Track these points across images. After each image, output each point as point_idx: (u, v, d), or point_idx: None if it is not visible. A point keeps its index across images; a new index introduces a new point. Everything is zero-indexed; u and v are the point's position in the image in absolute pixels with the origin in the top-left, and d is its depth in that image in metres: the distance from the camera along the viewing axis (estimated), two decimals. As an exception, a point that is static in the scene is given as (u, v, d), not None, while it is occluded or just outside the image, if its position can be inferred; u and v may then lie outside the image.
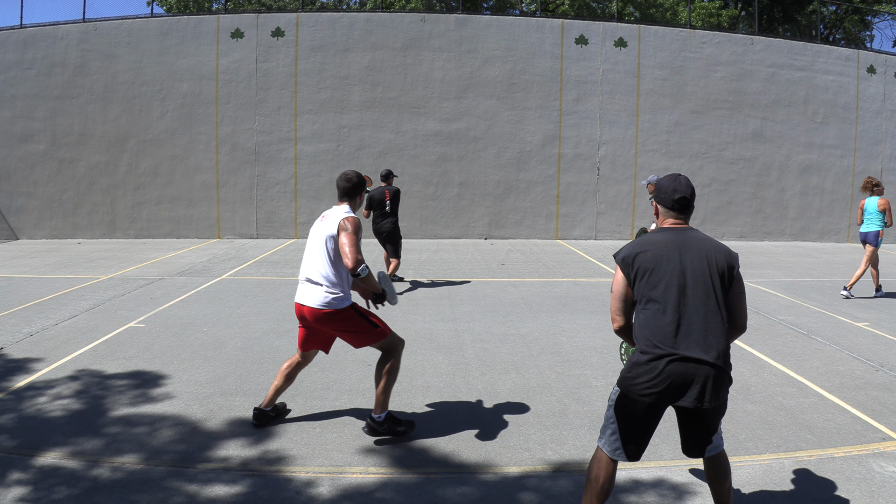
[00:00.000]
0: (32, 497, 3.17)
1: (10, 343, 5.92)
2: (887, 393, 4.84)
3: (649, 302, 2.66)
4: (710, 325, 2.60)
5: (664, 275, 2.65)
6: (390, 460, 3.64)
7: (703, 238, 2.77)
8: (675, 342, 2.58)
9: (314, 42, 15.59)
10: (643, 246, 2.73)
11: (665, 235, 2.76)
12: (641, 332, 2.66)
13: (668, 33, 16.47)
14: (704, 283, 2.64)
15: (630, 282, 2.73)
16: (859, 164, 17.09)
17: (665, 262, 2.67)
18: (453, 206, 15.86)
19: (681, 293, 2.63)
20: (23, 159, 15.36)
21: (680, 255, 2.68)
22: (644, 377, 2.59)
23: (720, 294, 2.65)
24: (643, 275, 2.69)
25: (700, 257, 2.68)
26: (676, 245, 2.71)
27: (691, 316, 2.60)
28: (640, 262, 2.70)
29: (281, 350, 5.80)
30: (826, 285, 9.76)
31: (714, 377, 2.56)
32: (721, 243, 2.77)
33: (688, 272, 2.65)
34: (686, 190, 2.79)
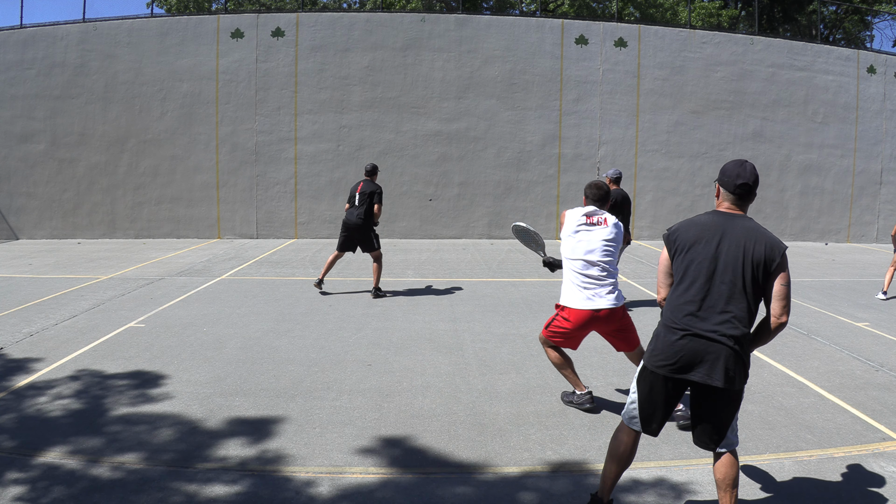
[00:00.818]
0: (32, 497, 3.16)
1: (10, 343, 5.92)
2: (887, 393, 4.84)
3: (679, 278, 2.78)
4: (732, 309, 2.65)
5: (697, 255, 2.73)
6: (390, 460, 3.64)
7: (751, 227, 2.74)
8: (692, 320, 2.68)
9: (314, 42, 15.59)
10: (690, 225, 2.82)
11: (713, 218, 2.79)
12: (668, 307, 2.81)
13: (668, 33, 16.47)
14: (734, 270, 2.67)
15: (670, 256, 2.85)
16: (859, 164, 17.09)
17: (702, 244, 2.73)
18: (453, 206, 15.86)
19: (709, 276, 2.69)
20: (23, 159, 15.36)
21: (719, 240, 2.71)
22: (660, 350, 2.73)
23: (749, 283, 2.66)
24: (680, 252, 2.79)
25: (738, 245, 2.69)
26: (720, 229, 2.73)
27: (714, 298, 2.67)
28: (680, 240, 2.80)
29: (281, 350, 5.80)
30: (826, 285, 9.75)
31: (725, 357, 2.61)
32: (771, 236, 2.75)
33: (721, 257, 2.69)
34: (750, 177, 2.76)
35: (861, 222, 17.24)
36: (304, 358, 5.56)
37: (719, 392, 2.67)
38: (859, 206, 17.19)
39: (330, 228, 15.65)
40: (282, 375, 5.08)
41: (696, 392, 2.76)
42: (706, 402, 2.73)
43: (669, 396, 2.77)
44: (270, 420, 4.18)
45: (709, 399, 2.72)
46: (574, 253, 4.19)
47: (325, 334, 6.38)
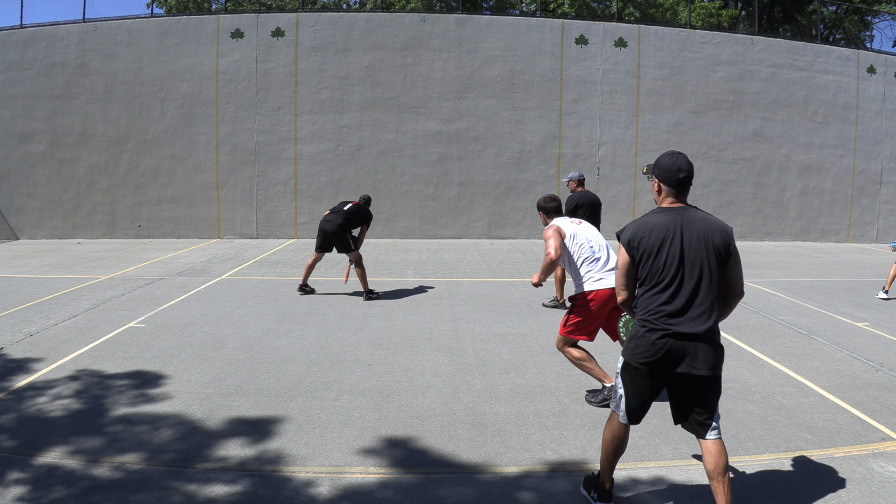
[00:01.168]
0: (32, 497, 3.16)
1: (10, 343, 5.92)
2: (887, 393, 4.84)
3: (651, 282, 2.89)
4: (704, 302, 2.82)
5: (665, 257, 2.85)
6: (390, 460, 3.64)
7: (701, 218, 2.90)
8: (671, 319, 2.82)
9: (314, 42, 15.59)
10: (646, 229, 2.90)
11: (666, 217, 2.90)
12: (642, 308, 2.92)
13: (668, 33, 16.47)
14: (701, 263, 2.83)
15: (634, 262, 2.94)
16: (859, 164, 17.09)
17: (667, 246, 2.85)
18: (453, 206, 15.85)
19: (680, 274, 2.84)
20: (23, 159, 15.36)
21: (681, 238, 2.85)
22: (642, 348, 2.90)
23: (716, 272, 2.84)
24: (647, 257, 2.89)
25: (699, 240, 2.84)
26: (677, 227, 2.86)
27: (688, 295, 2.83)
28: (644, 245, 2.89)
29: (281, 350, 5.80)
30: (826, 285, 9.75)
31: (704, 349, 2.81)
32: (718, 220, 2.92)
33: (686, 255, 2.84)
34: (689, 168, 2.92)
35: (861, 222, 17.24)
36: (304, 358, 5.56)
37: (704, 379, 2.84)
38: (859, 206, 17.19)
39: (330, 228, 15.65)
40: (282, 375, 5.08)
41: (681, 382, 2.89)
42: (691, 390, 2.87)
43: (654, 389, 2.95)
44: (270, 420, 4.18)
45: (695, 387, 2.86)
46: (582, 250, 4.57)
47: (325, 334, 6.38)
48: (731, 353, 5.90)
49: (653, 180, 3.02)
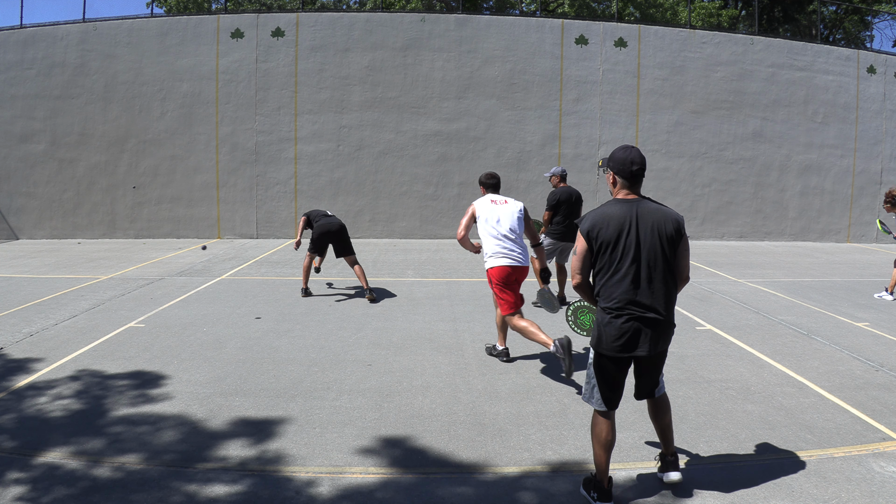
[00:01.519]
0: (32, 497, 3.17)
1: (10, 343, 5.92)
2: (887, 393, 4.84)
3: (610, 270, 3.11)
4: (659, 287, 3.09)
5: (622, 247, 3.09)
6: (390, 460, 3.64)
7: (654, 209, 3.15)
8: (631, 304, 3.07)
9: (314, 42, 15.59)
10: (604, 220, 3.12)
11: (622, 209, 3.13)
12: (605, 296, 3.13)
13: (668, 33, 16.47)
14: (655, 252, 3.08)
15: (592, 251, 3.16)
16: (859, 164, 17.09)
17: (624, 236, 3.09)
18: (453, 206, 15.85)
19: (637, 263, 3.08)
20: (23, 159, 15.37)
21: (637, 229, 3.09)
22: (609, 334, 3.10)
23: (670, 258, 3.11)
24: (606, 248, 3.11)
25: (652, 229, 3.10)
26: (633, 218, 3.10)
27: (644, 282, 3.08)
28: (602, 237, 3.11)
29: (281, 350, 5.80)
30: (826, 285, 9.75)
31: (660, 329, 3.10)
32: (670, 210, 3.18)
33: (642, 244, 3.08)
34: (641, 161, 3.15)
35: (861, 222, 17.23)
36: (304, 358, 5.57)
37: (661, 354, 3.20)
38: (859, 206, 17.19)
39: (330, 228, 15.65)
40: (282, 375, 5.08)
41: (643, 360, 3.19)
42: (647, 366, 3.21)
43: (622, 373, 3.19)
44: (270, 420, 4.19)
45: (650, 363, 3.20)
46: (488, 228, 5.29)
47: (325, 334, 6.38)
48: (731, 353, 5.91)
49: (608, 173, 3.23)
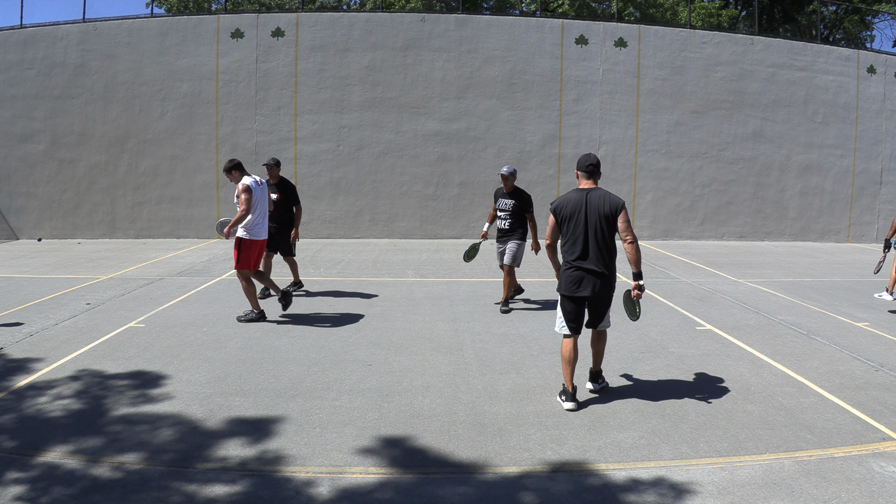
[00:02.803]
0: (32, 496, 3.17)
1: (10, 343, 5.92)
2: (887, 393, 4.84)
3: (568, 238, 4.54)
4: (601, 250, 4.46)
5: (575, 222, 4.49)
6: (390, 460, 3.64)
7: (600, 195, 4.49)
8: (579, 261, 4.48)
9: (314, 42, 15.59)
10: (567, 202, 4.55)
11: (578, 195, 4.54)
12: (565, 256, 4.58)
13: (668, 33, 16.47)
14: (597, 225, 4.44)
15: (558, 223, 4.60)
16: (859, 164, 17.09)
17: (576, 214, 4.48)
18: (453, 206, 15.85)
19: (585, 233, 4.46)
20: (23, 159, 15.36)
21: (585, 209, 4.47)
22: (566, 280, 4.54)
23: (608, 231, 4.45)
24: (564, 221, 4.54)
25: (595, 209, 4.45)
26: (583, 202, 4.49)
27: (590, 246, 4.46)
28: (563, 212, 4.55)
29: (281, 350, 5.80)
30: (826, 285, 9.75)
31: (599, 279, 4.47)
32: (613, 196, 4.49)
33: (589, 220, 4.45)
34: (594, 159, 4.59)
35: (861, 222, 17.23)
36: (304, 358, 5.57)
37: (597, 298, 4.54)
38: (859, 206, 17.19)
39: (330, 228, 15.65)
40: (282, 375, 5.08)
41: (592, 301, 4.58)
42: (594, 304, 4.61)
43: (579, 307, 4.57)
44: (270, 420, 4.19)
45: (595, 302, 4.58)
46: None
47: (325, 334, 6.38)
48: (730, 353, 5.91)
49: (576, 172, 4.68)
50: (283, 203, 8.13)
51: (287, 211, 8.21)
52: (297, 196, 8.29)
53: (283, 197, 8.12)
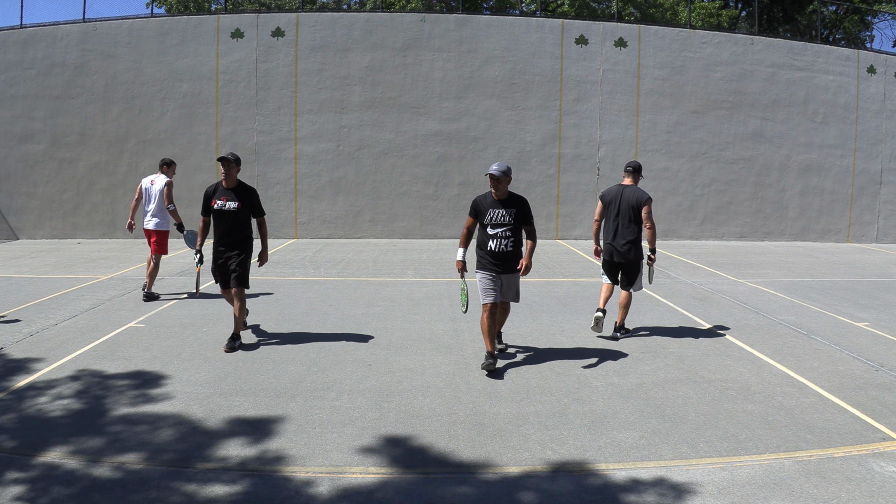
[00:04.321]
0: (31, 496, 3.16)
1: (10, 343, 5.92)
2: (887, 393, 4.84)
3: (608, 220, 6.36)
4: (627, 230, 6.21)
5: (612, 207, 6.32)
6: (390, 460, 3.64)
7: (633, 190, 6.30)
8: (612, 237, 6.28)
9: (314, 42, 15.59)
10: (608, 192, 6.42)
11: (618, 188, 6.38)
12: (603, 233, 6.39)
13: (668, 33, 16.47)
14: (627, 211, 6.21)
15: (604, 207, 6.40)
16: (859, 164, 17.09)
17: (615, 202, 6.31)
18: (453, 206, 15.85)
19: (617, 217, 6.27)
20: (23, 159, 15.36)
21: (619, 198, 6.30)
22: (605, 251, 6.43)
23: (633, 217, 6.19)
24: (607, 207, 6.40)
25: (626, 201, 6.25)
26: (620, 194, 6.32)
27: (619, 227, 6.24)
28: (606, 199, 6.41)
29: (281, 350, 5.80)
30: (826, 285, 9.75)
31: (627, 250, 6.21)
32: (641, 192, 6.25)
33: (621, 208, 6.26)
34: (635, 164, 6.46)
35: (861, 222, 17.24)
36: (304, 358, 5.57)
37: (624, 265, 6.30)
38: (859, 206, 17.19)
39: (330, 228, 15.65)
40: (282, 375, 5.08)
41: (621, 267, 6.33)
42: (624, 269, 6.33)
43: (612, 269, 6.42)
44: (270, 420, 4.18)
45: (625, 268, 6.30)
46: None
47: (325, 334, 6.38)
48: (730, 353, 5.91)
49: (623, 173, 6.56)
50: (242, 215, 5.88)
51: (245, 225, 5.94)
52: (261, 206, 6.07)
53: (243, 206, 5.86)
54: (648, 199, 6.13)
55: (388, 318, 7.10)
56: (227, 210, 5.80)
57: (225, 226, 5.84)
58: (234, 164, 5.85)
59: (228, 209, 5.80)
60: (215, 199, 5.86)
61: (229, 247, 5.85)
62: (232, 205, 5.80)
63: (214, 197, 5.89)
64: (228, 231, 5.83)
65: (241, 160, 6.05)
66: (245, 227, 5.92)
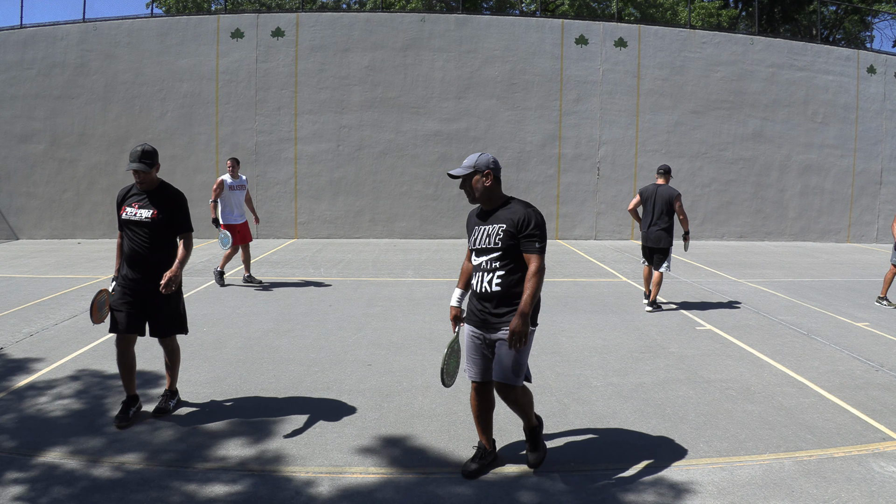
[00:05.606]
0: (31, 496, 3.16)
1: (10, 343, 5.92)
2: (887, 393, 4.84)
3: (643, 213, 7.77)
4: (661, 220, 7.59)
5: (649, 202, 7.69)
6: (390, 460, 3.64)
7: (666, 188, 7.66)
8: (645, 229, 7.71)
9: (314, 42, 15.59)
10: (645, 189, 7.80)
11: (653, 187, 7.73)
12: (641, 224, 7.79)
13: (668, 33, 16.47)
14: (661, 206, 7.59)
15: (641, 201, 7.78)
16: (859, 164, 17.09)
17: (650, 198, 7.69)
18: (453, 206, 15.85)
19: (652, 211, 7.63)
20: (23, 159, 15.36)
21: (655, 195, 7.66)
22: (642, 238, 7.83)
23: (666, 211, 7.57)
24: (644, 202, 7.76)
25: (661, 196, 7.61)
26: (655, 191, 7.68)
27: (654, 217, 7.61)
28: (644, 195, 7.78)
29: (281, 350, 5.80)
30: (826, 285, 9.75)
31: (657, 238, 7.61)
32: (672, 189, 7.66)
33: (655, 203, 7.63)
34: (665, 167, 7.88)
35: (861, 222, 17.24)
36: (304, 358, 5.56)
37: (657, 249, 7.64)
38: (859, 206, 17.19)
39: (330, 228, 15.65)
40: (282, 375, 5.08)
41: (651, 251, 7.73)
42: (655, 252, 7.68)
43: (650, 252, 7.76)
44: (270, 420, 4.18)
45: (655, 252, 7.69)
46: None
47: (325, 334, 6.38)
48: (730, 353, 5.91)
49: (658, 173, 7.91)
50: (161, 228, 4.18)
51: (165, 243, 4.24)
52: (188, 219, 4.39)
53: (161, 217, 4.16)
54: (678, 195, 7.60)
55: (388, 318, 7.10)
56: (138, 220, 4.12)
57: (137, 242, 4.12)
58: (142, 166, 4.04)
59: (140, 219, 4.12)
60: (125, 205, 4.19)
61: (146, 275, 4.12)
62: (145, 213, 4.12)
63: (124, 203, 4.22)
64: (142, 251, 4.11)
65: (154, 155, 4.14)
66: (166, 245, 4.23)
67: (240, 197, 8.99)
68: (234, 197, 8.90)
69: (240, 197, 8.99)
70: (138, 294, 4.14)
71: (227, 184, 8.85)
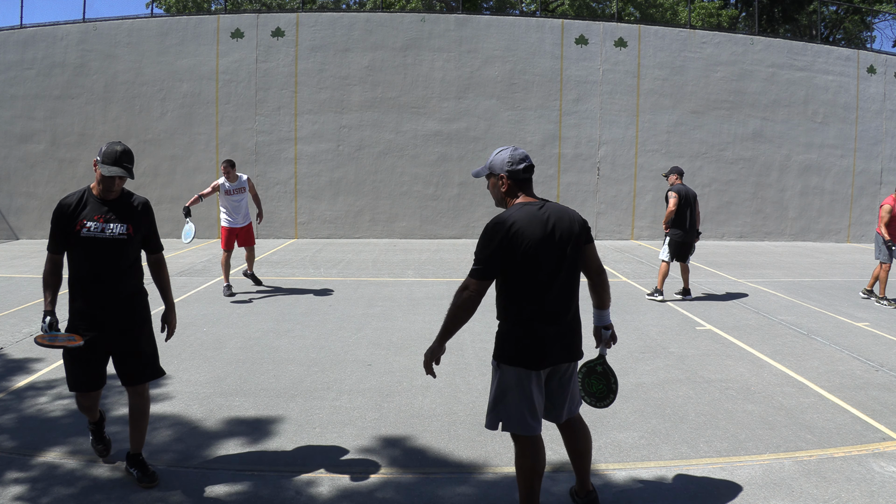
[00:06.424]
0: (31, 496, 3.16)
1: (10, 343, 5.92)
2: (887, 393, 4.84)
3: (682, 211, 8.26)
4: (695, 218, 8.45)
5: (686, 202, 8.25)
6: (390, 460, 3.64)
7: (691, 188, 8.54)
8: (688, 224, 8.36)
9: (314, 42, 15.59)
10: (682, 188, 8.29)
11: (685, 188, 8.31)
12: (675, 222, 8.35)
13: (668, 33, 16.47)
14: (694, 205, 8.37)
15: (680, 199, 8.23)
16: (859, 164, 17.09)
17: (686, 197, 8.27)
18: (453, 206, 15.85)
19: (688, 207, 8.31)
20: (23, 159, 15.36)
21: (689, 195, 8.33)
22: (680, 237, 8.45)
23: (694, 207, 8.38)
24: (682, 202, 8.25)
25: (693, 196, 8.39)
26: (688, 191, 8.34)
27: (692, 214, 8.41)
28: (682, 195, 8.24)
29: (281, 350, 5.80)
30: (826, 285, 9.75)
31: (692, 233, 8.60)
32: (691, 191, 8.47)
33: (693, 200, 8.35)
34: (674, 167, 8.62)
35: (861, 222, 17.23)
36: (304, 358, 5.56)
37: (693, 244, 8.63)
38: (859, 206, 17.19)
39: (330, 228, 15.65)
40: (282, 375, 5.08)
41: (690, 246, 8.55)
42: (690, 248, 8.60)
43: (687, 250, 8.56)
44: (270, 420, 4.19)
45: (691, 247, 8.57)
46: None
47: (325, 334, 6.38)
48: (731, 353, 5.91)
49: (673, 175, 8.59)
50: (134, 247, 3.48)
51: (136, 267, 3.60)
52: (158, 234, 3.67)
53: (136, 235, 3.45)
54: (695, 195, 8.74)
55: (388, 318, 7.10)
56: (108, 238, 3.30)
57: (103, 266, 3.38)
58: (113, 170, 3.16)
59: (110, 236, 3.30)
60: (83, 218, 3.29)
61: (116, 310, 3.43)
62: (118, 229, 3.30)
63: (82, 216, 3.29)
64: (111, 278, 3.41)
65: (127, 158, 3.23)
66: (136, 269, 3.51)
67: (239, 200, 8.57)
68: (233, 200, 8.50)
69: (239, 200, 8.57)
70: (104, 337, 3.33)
71: (224, 188, 8.41)
